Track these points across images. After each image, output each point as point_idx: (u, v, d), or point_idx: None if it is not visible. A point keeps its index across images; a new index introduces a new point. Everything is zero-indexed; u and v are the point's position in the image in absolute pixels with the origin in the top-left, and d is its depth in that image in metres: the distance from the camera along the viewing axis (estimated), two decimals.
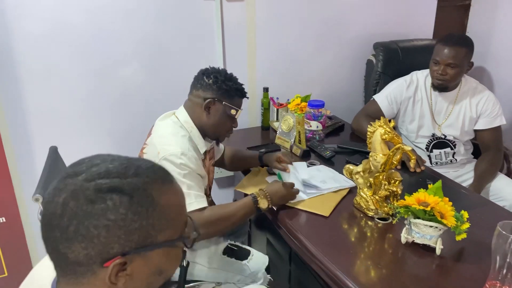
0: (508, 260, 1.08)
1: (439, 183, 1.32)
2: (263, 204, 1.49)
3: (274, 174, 1.78)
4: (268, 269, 1.70)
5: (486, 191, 2.10)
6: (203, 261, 1.62)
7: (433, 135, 2.18)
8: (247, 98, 1.61)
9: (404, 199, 1.33)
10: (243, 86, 1.59)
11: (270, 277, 1.70)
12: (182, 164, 1.42)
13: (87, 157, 0.69)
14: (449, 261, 1.29)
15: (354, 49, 2.61)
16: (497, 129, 2.13)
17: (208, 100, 1.51)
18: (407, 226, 1.33)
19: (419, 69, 2.22)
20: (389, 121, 1.45)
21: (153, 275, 0.70)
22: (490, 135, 2.14)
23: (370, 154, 1.47)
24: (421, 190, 1.33)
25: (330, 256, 1.31)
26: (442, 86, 2.07)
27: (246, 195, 1.55)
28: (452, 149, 2.18)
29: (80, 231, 0.62)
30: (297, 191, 1.58)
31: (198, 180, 1.48)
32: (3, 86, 1.95)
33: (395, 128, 2.19)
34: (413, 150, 1.95)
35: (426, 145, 2.19)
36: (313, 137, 2.17)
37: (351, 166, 1.57)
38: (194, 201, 1.42)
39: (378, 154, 1.43)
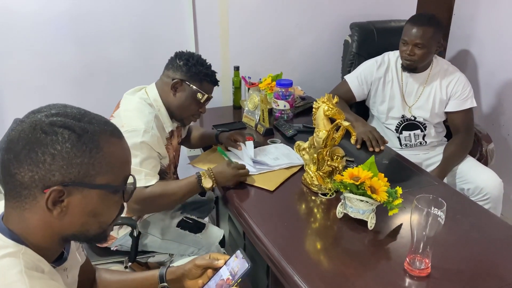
0: (424, 233, 1.09)
1: (372, 159, 1.32)
2: (207, 183, 1.51)
3: (230, 151, 1.81)
4: (223, 243, 1.74)
5: (453, 173, 2.09)
6: (156, 232, 1.66)
7: (403, 116, 2.16)
8: (218, 85, 1.63)
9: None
10: (215, 73, 1.61)
11: (224, 251, 1.74)
12: (142, 142, 1.45)
13: (54, 103, 0.79)
14: (381, 236, 1.30)
15: (333, 29, 2.59)
16: (468, 112, 2.11)
17: (175, 80, 1.54)
18: (342, 200, 1.35)
19: (394, 51, 2.20)
20: (333, 97, 1.46)
21: (88, 215, 0.78)
22: (460, 117, 2.11)
23: (314, 130, 1.48)
24: (360, 166, 1.34)
25: (265, 228, 1.33)
26: (410, 66, 2.06)
27: None
28: (422, 131, 2.17)
29: (30, 155, 0.71)
30: (246, 173, 1.59)
31: (154, 159, 1.51)
32: None
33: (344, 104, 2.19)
34: (377, 131, 1.95)
35: (396, 126, 2.18)
36: (281, 116, 2.18)
37: (300, 143, 1.58)
38: (143, 178, 1.46)
39: (321, 130, 1.44)
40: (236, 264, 1.02)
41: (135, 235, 1.60)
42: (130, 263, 1.67)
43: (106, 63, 2.22)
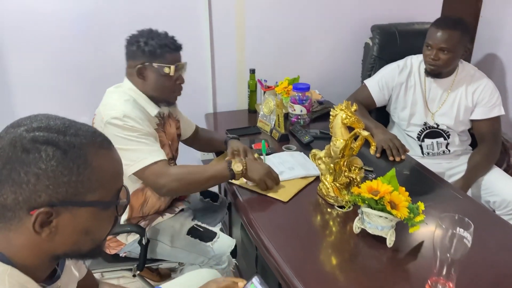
0: (449, 255, 1.01)
1: (392, 172, 1.24)
2: (237, 167, 1.45)
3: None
4: (234, 253, 1.68)
5: (478, 184, 1.98)
6: (166, 239, 1.61)
7: (425, 123, 2.07)
8: (181, 49, 1.51)
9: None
10: (172, 38, 1.49)
11: (235, 261, 1.68)
12: (126, 125, 1.39)
13: (36, 114, 0.73)
14: (401, 254, 1.22)
15: (353, 31, 2.50)
16: (495, 120, 2.00)
17: (138, 67, 1.46)
18: (360, 215, 1.27)
19: (417, 54, 2.11)
20: (352, 104, 1.38)
21: (80, 234, 0.73)
22: (486, 126, 2.01)
23: (331, 139, 1.41)
24: (379, 178, 1.26)
25: (276, 242, 1.26)
26: (434, 71, 1.96)
27: None
28: (445, 139, 2.07)
29: (12, 175, 0.66)
30: (277, 178, 1.53)
31: (149, 138, 1.44)
32: None
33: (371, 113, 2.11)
34: (397, 139, 1.86)
35: (418, 134, 2.09)
36: (297, 121, 2.11)
37: (316, 151, 1.51)
38: (147, 156, 1.41)
39: (338, 139, 1.37)
40: None
41: (143, 243, 1.55)
42: (138, 272, 1.62)
43: (122, 65, 2.17)
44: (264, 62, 2.38)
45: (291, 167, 1.65)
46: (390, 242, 1.22)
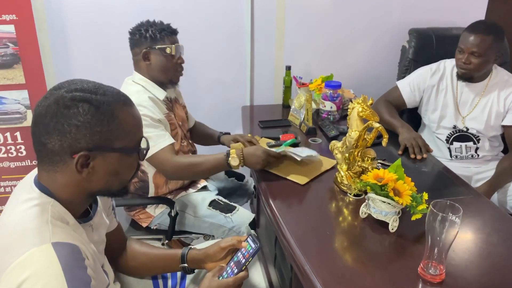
0: (439, 239, 1.08)
1: (398, 162, 1.32)
2: (234, 162, 1.59)
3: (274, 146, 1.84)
4: (253, 226, 1.80)
5: (504, 190, 1.98)
6: (190, 210, 1.79)
7: (455, 127, 2.09)
8: (177, 32, 1.72)
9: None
10: (168, 24, 1.70)
11: (254, 232, 1.80)
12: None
13: (72, 79, 0.92)
14: (402, 239, 1.29)
15: (392, 34, 2.57)
16: None
17: (143, 51, 1.66)
18: (366, 201, 1.36)
19: (451, 58, 2.14)
20: (368, 99, 1.47)
21: (111, 175, 0.92)
22: None
23: (348, 130, 1.50)
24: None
25: (288, 221, 1.38)
26: (465, 75, 1.99)
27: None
28: (475, 143, 2.08)
29: (57, 127, 0.84)
30: (275, 160, 1.63)
31: (158, 126, 1.62)
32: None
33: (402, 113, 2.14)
34: (421, 139, 1.90)
35: (447, 137, 2.12)
36: (327, 117, 2.21)
37: (335, 142, 1.61)
38: (156, 142, 1.58)
39: (353, 131, 1.46)
40: (248, 247, 1.14)
41: (172, 215, 1.72)
42: (167, 241, 1.79)
43: None
44: (302, 60, 2.49)
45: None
46: (392, 227, 1.30)
